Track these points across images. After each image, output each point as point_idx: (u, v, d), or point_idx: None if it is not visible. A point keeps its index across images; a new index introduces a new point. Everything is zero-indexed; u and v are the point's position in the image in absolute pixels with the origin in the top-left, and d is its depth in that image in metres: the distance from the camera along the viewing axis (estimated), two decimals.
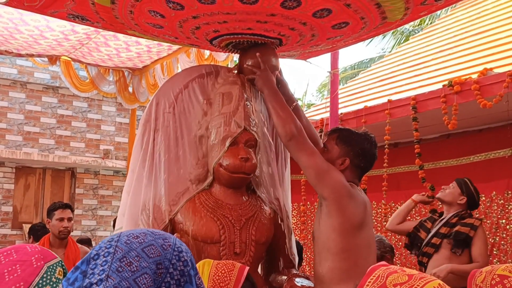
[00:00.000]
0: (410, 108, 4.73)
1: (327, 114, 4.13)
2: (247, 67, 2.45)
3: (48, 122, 10.00)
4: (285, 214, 2.55)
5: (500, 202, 4.86)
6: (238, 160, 2.25)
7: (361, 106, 5.53)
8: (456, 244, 3.62)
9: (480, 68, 4.68)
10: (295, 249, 2.65)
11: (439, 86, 4.73)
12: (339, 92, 4.78)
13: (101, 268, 0.87)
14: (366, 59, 15.88)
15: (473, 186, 3.81)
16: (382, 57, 12.10)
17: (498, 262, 4.76)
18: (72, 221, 4.19)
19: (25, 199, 9.87)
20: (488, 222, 4.88)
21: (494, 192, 4.89)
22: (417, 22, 13.68)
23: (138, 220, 2.29)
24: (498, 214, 4.85)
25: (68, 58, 5.48)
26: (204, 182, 2.35)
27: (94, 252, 0.91)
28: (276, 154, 2.64)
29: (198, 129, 2.39)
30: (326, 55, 3.42)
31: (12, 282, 1.12)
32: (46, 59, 5.47)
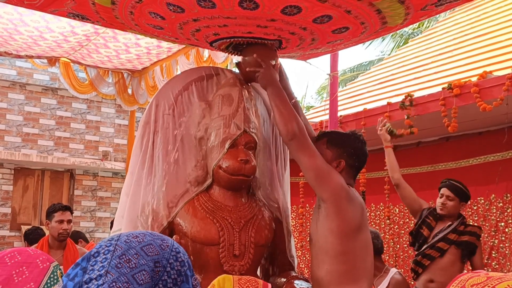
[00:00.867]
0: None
1: (327, 117, 4.13)
2: (249, 62, 2.39)
3: (47, 124, 9.99)
4: (284, 216, 2.55)
5: (499, 205, 4.86)
6: (237, 162, 2.25)
7: (360, 109, 5.53)
8: (466, 254, 3.74)
9: (479, 71, 4.69)
10: (294, 251, 2.64)
11: (439, 89, 4.74)
12: (339, 94, 4.77)
13: (100, 264, 0.90)
14: (366, 62, 15.91)
15: (461, 185, 3.81)
16: (381, 59, 12.12)
17: (497, 265, 4.76)
18: (71, 223, 4.17)
19: (23, 201, 9.85)
20: (487, 225, 4.88)
21: (493, 195, 4.89)
22: (416, 25, 13.71)
23: (137, 221, 2.28)
24: (497, 217, 4.85)
25: (67, 60, 5.48)
26: (203, 184, 2.34)
27: (94, 250, 0.94)
28: (275, 156, 2.63)
29: (198, 131, 2.38)
30: (326, 58, 3.43)
31: (22, 283, 1.15)
32: (45, 61, 5.46)
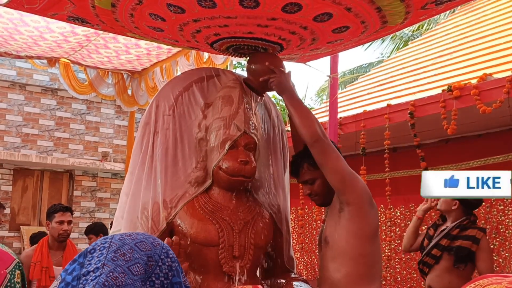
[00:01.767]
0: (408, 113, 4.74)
1: (326, 119, 4.12)
2: (262, 71, 2.38)
3: (46, 124, 10.00)
4: (284, 218, 2.55)
5: (500, 208, 4.86)
6: (237, 163, 2.25)
7: (360, 111, 5.53)
8: (459, 260, 3.56)
9: (479, 73, 4.69)
10: (293, 252, 2.64)
11: (438, 91, 4.74)
12: (338, 96, 4.77)
13: (97, 258, 0.96)
14: (365, 64, 15.93)
15: None
16: (381, 61, 12.12)
17: (497, 267, 4.76)
18: (71, 224, 4.16)
19: (23, 201, 9.85)
20: (487, 227, 4.87)
21: None
22: (416, 27, 13.73)
23: (137, 222, 2.28)
24: (498, 219, 4.85)
25: (67, 60, 5.47)
26: (203, 185, 2.34)
27: (91, 247, 1.00)
28: (276, 157, 2.63)
29: (198, 131, 2.38)
30: (326, 60, 3.42)
31: None
32: (45, 61, 5.46)
